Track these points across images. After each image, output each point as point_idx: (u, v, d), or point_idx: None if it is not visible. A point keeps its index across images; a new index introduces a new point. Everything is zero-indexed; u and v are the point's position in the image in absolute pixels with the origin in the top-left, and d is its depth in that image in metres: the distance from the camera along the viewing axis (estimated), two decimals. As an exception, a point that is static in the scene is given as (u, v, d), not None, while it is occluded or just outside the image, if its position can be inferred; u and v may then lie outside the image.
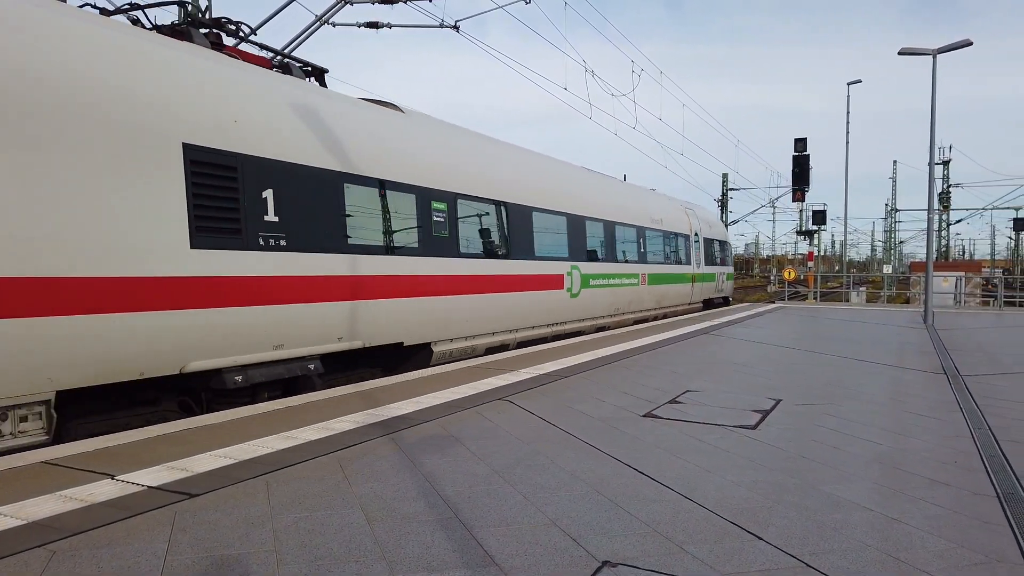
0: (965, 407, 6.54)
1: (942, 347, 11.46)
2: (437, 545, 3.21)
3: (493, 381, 7.44)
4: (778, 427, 5.63)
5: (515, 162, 12.18)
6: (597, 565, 3.03)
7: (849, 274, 34.16)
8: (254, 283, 6.76)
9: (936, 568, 3.05)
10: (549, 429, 5.44)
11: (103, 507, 3.59)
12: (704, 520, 3.58)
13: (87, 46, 5.63)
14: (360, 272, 8.08)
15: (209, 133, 6.43)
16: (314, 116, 7.80)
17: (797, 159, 29.58)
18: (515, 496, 3.89)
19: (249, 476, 4.13)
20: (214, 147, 6.45)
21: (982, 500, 3.95)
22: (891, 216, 70.81)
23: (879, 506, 3.82)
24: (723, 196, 49.98)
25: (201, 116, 6.38)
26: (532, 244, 11.86)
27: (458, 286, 9.86)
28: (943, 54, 15.84)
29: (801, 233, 56.07)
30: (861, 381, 7.93)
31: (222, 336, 6.47)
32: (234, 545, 3.17)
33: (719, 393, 7.04)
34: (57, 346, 5.23)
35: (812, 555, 3.17)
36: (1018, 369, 9.05)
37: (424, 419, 5.67)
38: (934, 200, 16.78)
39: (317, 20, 12.66)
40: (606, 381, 7.62)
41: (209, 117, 6.46)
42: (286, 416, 5.71)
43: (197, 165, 6.29)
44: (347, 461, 4.48)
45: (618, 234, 15.45)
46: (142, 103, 5.87)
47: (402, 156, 9.04)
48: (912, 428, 5.67)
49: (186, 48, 6.70)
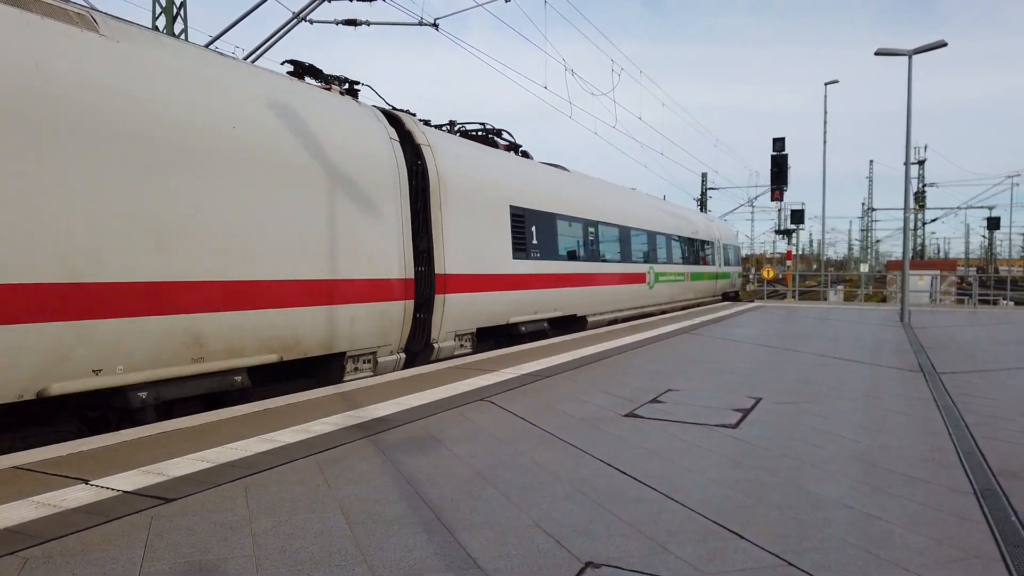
0: (942, 404, 6.62)
1: (918, 345, 11.60)
2: (419, 548, 3.18)
3: (475, 381, 7.41)
4: (759, 426, 5.66)
5: (622, 196, 17.91)
6: (580, 566, 3.02)
7: (827, 273, 34.48)
8: (532, 278, 12.32)
9: (916, 564, 3.08)
10: (531, 430, 5.42)
11: (77, 513, 3.52)
12: (687, 520, 3.58)
13: (492, 162, 11.82)
14: (562, 271, 13.55)
15: (516, 198, 12.11)
16: (539, 180, 13.36)
17: (775, 158, 29.82)
18: (498, 498, 3.87)
19: (227, 480, 4.08)
20: (518, 206, 12.14)
21: (959, 496, 3.99)
22: (868, 215, 71.63)
23: (859, 504, 3.84)
24: (702, 195, 50.28)
25: (514, 190, 12.11)
26: (631, 253, 17.43)
27: (600, 280, 15.37)
28: (918, 55, 16.03)
29: (780, 232, 56.60)
30: (840, 379, 8.00)
31: (514, 305, 11.84)
32: (212, 550, 3.12)
33: (700, 392, 7.06)
34: (475, 310, 10.77)
35: (794, 553, 3.18)
36: (993, 366, 9.18)
37: (405, 420, 5.63)
38: (910, 199, 16.98)
39: (295, 17, 12.54)
40: (588, 381, 7.62)
41: (515, 190, 12.16)
42: (265, 418, 5.64)
43: (513, 216, 11.95)
44: (327, 464, 4.43)
45: (673, 244, 21.09)
46: (499, 190, 11.64)
47: (574, 200, 14.59)
48: (890, 425, 5.73)
49: (501, 153, 12.53)
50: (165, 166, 6.04)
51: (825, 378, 8.05)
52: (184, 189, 6.17)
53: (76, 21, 5.72)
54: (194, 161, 6.27)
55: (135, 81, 5.90)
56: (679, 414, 6.03)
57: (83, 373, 5.49)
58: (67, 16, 5.66)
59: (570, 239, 13.93)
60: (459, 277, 10.23)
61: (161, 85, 6.13)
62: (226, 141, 6.60)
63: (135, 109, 5.85)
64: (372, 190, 8.54)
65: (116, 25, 6.08)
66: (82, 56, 5.55)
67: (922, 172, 60.31)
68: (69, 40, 5.52)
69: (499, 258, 11.31)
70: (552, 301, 13.00)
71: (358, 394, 6.69)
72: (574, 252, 14.08)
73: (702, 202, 50.05)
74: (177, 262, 6.09)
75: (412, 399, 6.46)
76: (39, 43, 5.28)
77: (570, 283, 13.75)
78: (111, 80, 5.71)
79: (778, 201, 31.73)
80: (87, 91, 5.50)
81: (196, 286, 6.24)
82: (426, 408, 6.09)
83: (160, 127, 6.01)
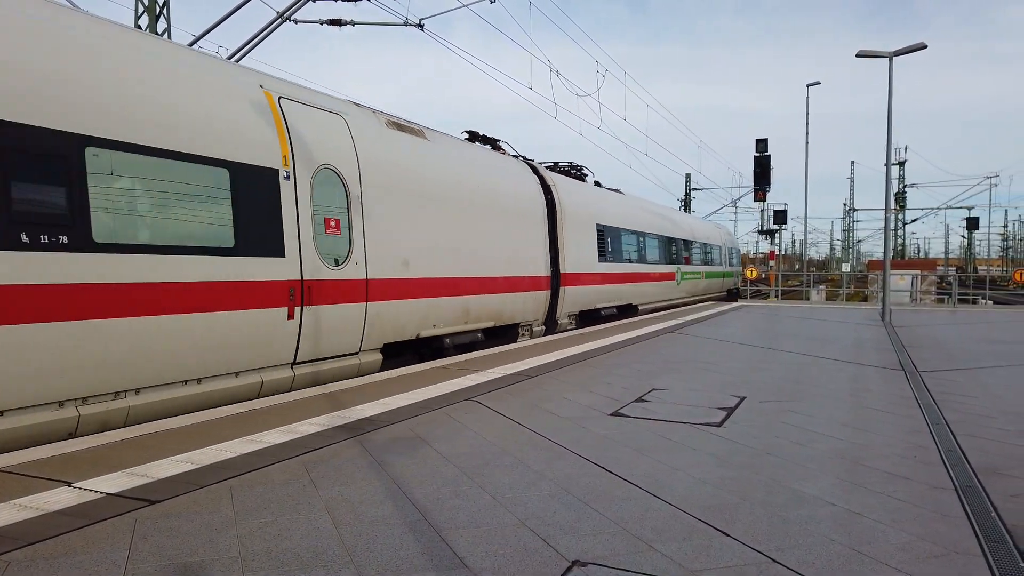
0: (922, 402, 6.70)
1: (899, 344, 11.73)
2: (406, 548, 3.18)
3: (461, 381, 7.41)
4: (743, 424, 5.70)
5: (659, 212, 22.32)
6: (567, 565, 3.03)
7: (809, 273, 34.77)
8: (609, 276, 16.39)
9: (898, 561, 3.12)
10: (517, 429, 5.43)
11: (60, 515, 3.48)
12: (672, 518, 3.60)
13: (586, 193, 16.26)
14: (625, 271, 17.70)
15: (599, 217, 16.12)
16: (610, 203, 17.54)
17: (759, 159, 30.04)
18: (484, 497, 3.87)
19: (212, 481, 4.05)
20: (600, 223, 16.09)
21: (941, 493, 4.05)
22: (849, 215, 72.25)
23: (842, 501, 3.88)
24: (686, 196, 50.53)
25: (597, 212, 16.09)
26: (665, 257, 21.62)
27: (646, 278, 19.63)
28: (899, 57, 16.21)
29: (763, 232, 56.95)
30: (822, 378, 8.08)
31: (598, 295, 15.90)
32: (197, 552, 3.10)
33: (685, 391, 7.10)
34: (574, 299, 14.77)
35: (778, 550, 3.21)
36: (973, 365, 9.30)
37: (391, 421, 5.62)
38: (891, 200, 17.16)
39: (279, 17, 12.48)
40: (573, 380, 7.64)
41: (598, 211, 16.16)
42: (250, 419, 5.61)
43: (598, 231, 15.93)
44: (313, 464, 4.42)
45: (695, 248, 25.62)
46: (590, 213, 15.62)
47: (630, 217, 18.81)
48: (872, 423, 5.79)
49: (589, 186, 17.15)
50: (474, 215, 11.01)
51: (808, 377, 8.13)
52: (474, 225, 10.99)
53: (417, 132, 10.23)
54: (478, 209, 11.12)
55: (448, 166, 10.57)
56: (664, 413, 6.07)
57: (429, 327, 9.82)
58: (415, 131, 10.22)
59: (629, 247, 18.44)
60: (572, 275, 14.50)
61: (467, 167, 11.14)
62: (486, 197, 11.46)
63: (452, 182, 10.56)
64: (532, 219, 13.06)
65: (432, 134, 10.72)
66: (422, 152, 10.04)
67: (902, 173, 60.93)
68: (413, 143, 9.92)
69: (590, 262, 15.45)
70: (619, 293, 17.45)
71: (344, 395, 6.67)
72: (631, 257, 18.45)
73: (686, 202, 50.28)
74: (462, 267, 10.52)
75: (398, 399, 6.45)
76: (401, 143, 9.61)
77: (629, 280, 18.22)
78: (432, 167, 10.15)
79: (761, 202, 31.95)
80: (428, 171, 9.99)
81: (468, 280, 10.77)
82: (412, 408, 6.08)
83: (479, 194, 11.22)
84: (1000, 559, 3.15)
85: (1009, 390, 7.37)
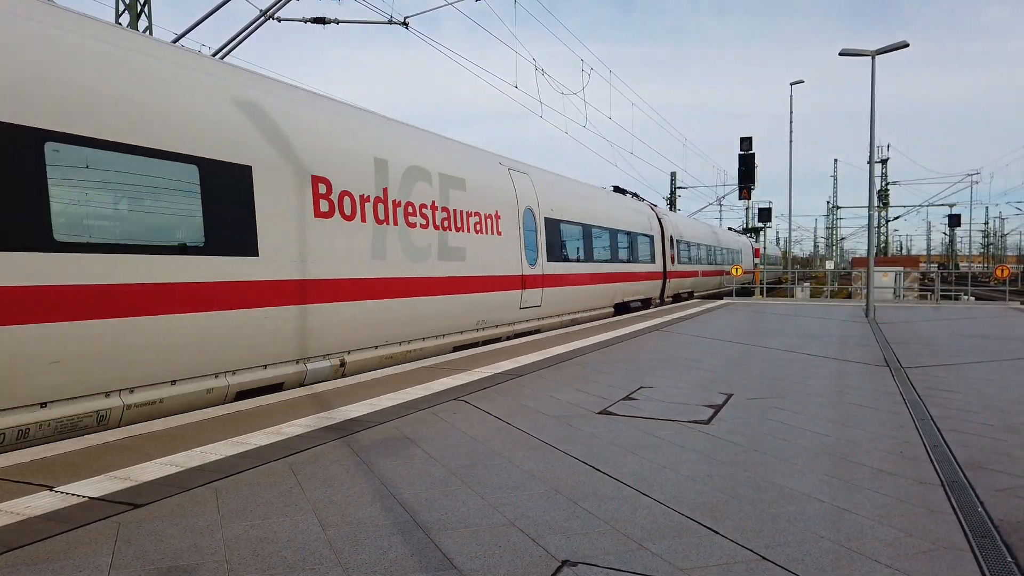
0: (908, 398, 6.74)
1: (884, 340, 11.81)
2: (394, 549, 3.15)
3: (448, 381, 7.38)
4: (731, 421, 5.71)
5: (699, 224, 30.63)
6: (557, 564, 3.02)
7: (793, 269, 35.02)
8: (683, 272, 25.82)
9: (886, 557, 3.12)
10: (505, 428, 5.41)
11: (42, 520, 3.43)
12: (662, 516, 3.60)
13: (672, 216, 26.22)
14: (690, 269, 26.46)
15: (675, 232, 25.29)
16: (678, 221, 26.58)
17: (743, 158, 30.18)
18: (473, 497, 3.85)
19: (197, 484, 4.00)
20: (675, 237, 25.09)
21: (927, 489, 4.06)
22: (833, 213, 72.76)
23: (830, 497, 3.89)
24: (672, 194, 50.70)
25: (675, 227, 25.33)
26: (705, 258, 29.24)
27: (697, 274, 27.64)
28: (881, 55, 16.32)
29: (748, 230, 57.23)
30: (808, 375, 8.11)
31: (680, 285, 25.35)
32: (182, 556, 3.06)
33: (672, 389, 7.11)
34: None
35: (768, 547, 3.21)
36: (956, 360, 9.38)
37: (378, 421, 5.58)
38: (874, 197, 17.28)
39: (262, 15, 12.38)
40: (561, 379, 7.63)
41: (675, 227, 25.40)
42: (235, 421, 5.56)
43: (677, 242, 25.02)
44: (299, 466, 4.38)
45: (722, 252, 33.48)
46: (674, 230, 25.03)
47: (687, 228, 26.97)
48: (858, 420, 5.82)
49: (669, 211, 27.10)
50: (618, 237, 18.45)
51: (794, 374, 8.16)
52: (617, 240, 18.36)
53: (587, 186, 17.15)
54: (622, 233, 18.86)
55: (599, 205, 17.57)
56: (652, 411, 6.07)
57: (621, 297, 18.76)
58: (582, 184, 16.94)
59: (699, 254, 27.87)
60: (672, 271, 23.50)
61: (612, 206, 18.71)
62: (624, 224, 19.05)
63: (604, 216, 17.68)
64: (653, 239, 21.49)
65: (595, 190, 17.66)
66: (585, 196, 16.83)
67: (885, 171, 61.42)
68: (575, 187, 16.56)
69: (678, 263, 24.26)
70: (687, 284, 25.82)
71: (330, 395, 6.62)
72: (690, 259, 26.41)
73: (671, 201, 50.45)
74: (622, 267, 18.14)
75: (385, 399, 6.41)
76: (564, 187, 15.78)
77: (692, 275, 26.47)
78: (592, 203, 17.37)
79: (746, 200, 32.10)
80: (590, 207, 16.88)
81: (626, 274, 18.62)
82: (400, 408, 6.05)
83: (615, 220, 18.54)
84: (988, 553, 3.17)
85: (992, 385, 7.43)
